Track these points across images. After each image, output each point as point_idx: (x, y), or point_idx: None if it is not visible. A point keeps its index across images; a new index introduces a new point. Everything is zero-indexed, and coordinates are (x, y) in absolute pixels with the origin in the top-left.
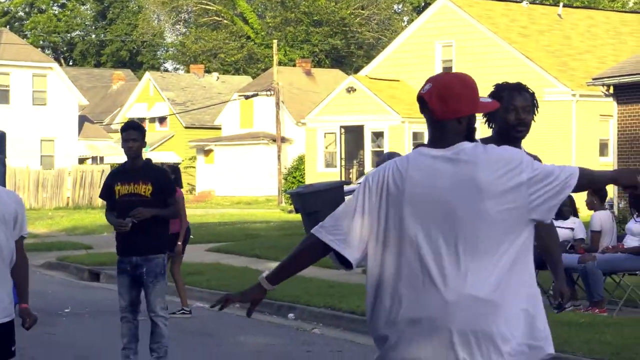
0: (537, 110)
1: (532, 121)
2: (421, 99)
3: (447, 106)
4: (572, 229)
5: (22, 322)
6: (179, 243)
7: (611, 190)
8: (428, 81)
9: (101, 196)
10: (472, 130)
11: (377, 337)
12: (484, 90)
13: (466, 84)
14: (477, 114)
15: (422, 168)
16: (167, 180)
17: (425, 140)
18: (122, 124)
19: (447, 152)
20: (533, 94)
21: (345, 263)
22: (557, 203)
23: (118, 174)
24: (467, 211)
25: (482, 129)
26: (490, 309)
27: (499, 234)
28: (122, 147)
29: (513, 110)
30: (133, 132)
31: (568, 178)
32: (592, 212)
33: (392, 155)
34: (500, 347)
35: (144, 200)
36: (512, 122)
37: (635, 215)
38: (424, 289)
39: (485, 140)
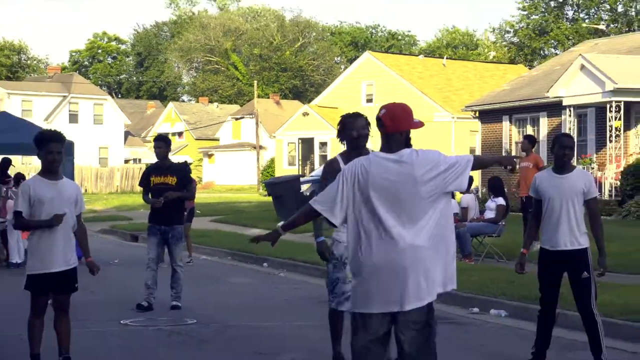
0: (369, 128)
1: (368, 135)
2: (379, 119)
3: (394, 124)
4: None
5: (89, 271)
6: (192, 216)
7: (477, 179)
8: (382, 108)
9: (140, 184)
10: (408, 139)
11: (356, 271)
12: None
13: (405, 110)
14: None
15: (378, 166)
16: (187, 174)
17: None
18: (154, 137)
19: (394, 156)
20: (366, 118)
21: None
22: (463, 178)
23: (153, 169)
24: (408, 194)
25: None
26: (426, 252)
27: (427, 206)
28: (154, 151)
29: (355, 129)
30: (159, 142)
31: (467, 163)
32: (462, 194)
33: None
34: (433, 278)
35: (171, 187)
36: (354, 136)
37: (491, 197)
38: (386, 242)
39: (341, 154)
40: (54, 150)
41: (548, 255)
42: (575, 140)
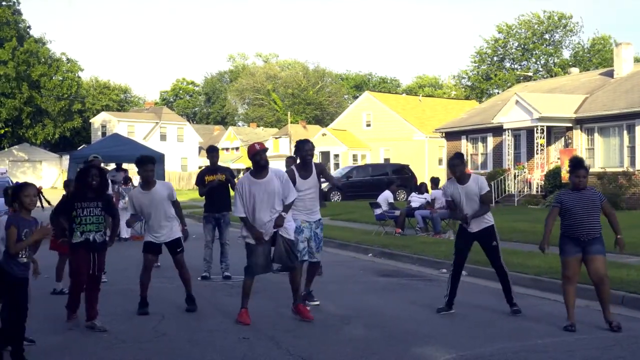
0: (314, 149)
1: (314, 154)
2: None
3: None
4: (426, 198)
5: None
6: None
7: (443, 179)
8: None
9: (197, 183)
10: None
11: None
12: (387, 137)
13: (249, 149)
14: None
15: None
16: (232, 172)
17: (358, 159)
18: (207, 147)
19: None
20: (311, 142)
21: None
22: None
23: (207, 171)
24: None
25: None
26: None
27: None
28: (208, 158)
29: (304, 150)
30: (214, 152)
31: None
32: (432, 190)
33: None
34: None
35: (222, 182)
36: (304, 155)
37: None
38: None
39: (297, 166)
40: (148, 169)
41: (465, 233)
42: (512, 153)
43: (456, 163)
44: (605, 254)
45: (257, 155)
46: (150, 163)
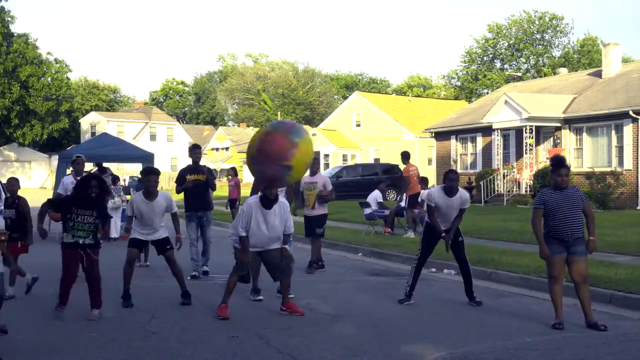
0: (200, 151)
1: (201, 156)
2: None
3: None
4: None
5: (177, 245)
6: (238, 203)
7: (432, 180)
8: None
9: (177, 181)
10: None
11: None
12: (376, 136)
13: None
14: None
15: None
16: (211, 172)
17: (338, 159)
18: (191, 145)
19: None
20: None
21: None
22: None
23: (188, 170)
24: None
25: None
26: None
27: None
28: (190, 156)
29: (194, 154)
30: (196, 149)
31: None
32: (423, 190)
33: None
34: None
35: (203, 182)
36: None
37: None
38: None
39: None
40: (152, 180)
41: (433, 233)
42: (501, 152)
43: (454, 178)
44: (587, 254)
45: (267, 189)
46: (154, 174)
